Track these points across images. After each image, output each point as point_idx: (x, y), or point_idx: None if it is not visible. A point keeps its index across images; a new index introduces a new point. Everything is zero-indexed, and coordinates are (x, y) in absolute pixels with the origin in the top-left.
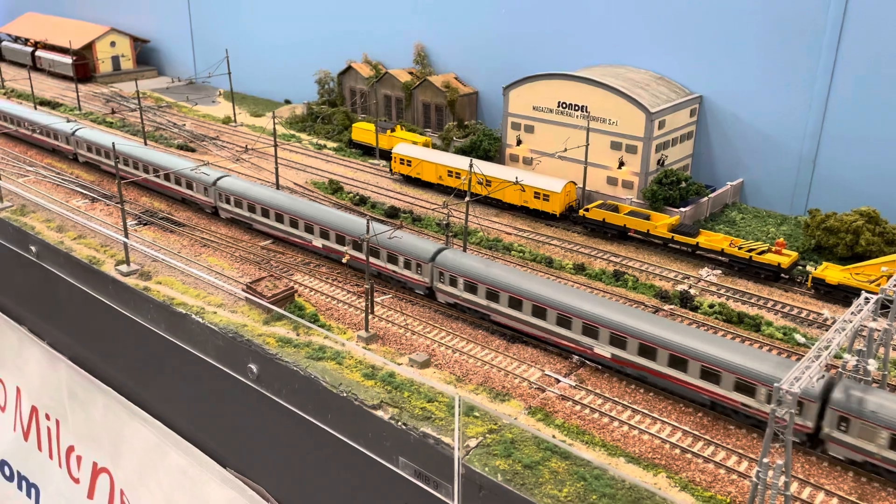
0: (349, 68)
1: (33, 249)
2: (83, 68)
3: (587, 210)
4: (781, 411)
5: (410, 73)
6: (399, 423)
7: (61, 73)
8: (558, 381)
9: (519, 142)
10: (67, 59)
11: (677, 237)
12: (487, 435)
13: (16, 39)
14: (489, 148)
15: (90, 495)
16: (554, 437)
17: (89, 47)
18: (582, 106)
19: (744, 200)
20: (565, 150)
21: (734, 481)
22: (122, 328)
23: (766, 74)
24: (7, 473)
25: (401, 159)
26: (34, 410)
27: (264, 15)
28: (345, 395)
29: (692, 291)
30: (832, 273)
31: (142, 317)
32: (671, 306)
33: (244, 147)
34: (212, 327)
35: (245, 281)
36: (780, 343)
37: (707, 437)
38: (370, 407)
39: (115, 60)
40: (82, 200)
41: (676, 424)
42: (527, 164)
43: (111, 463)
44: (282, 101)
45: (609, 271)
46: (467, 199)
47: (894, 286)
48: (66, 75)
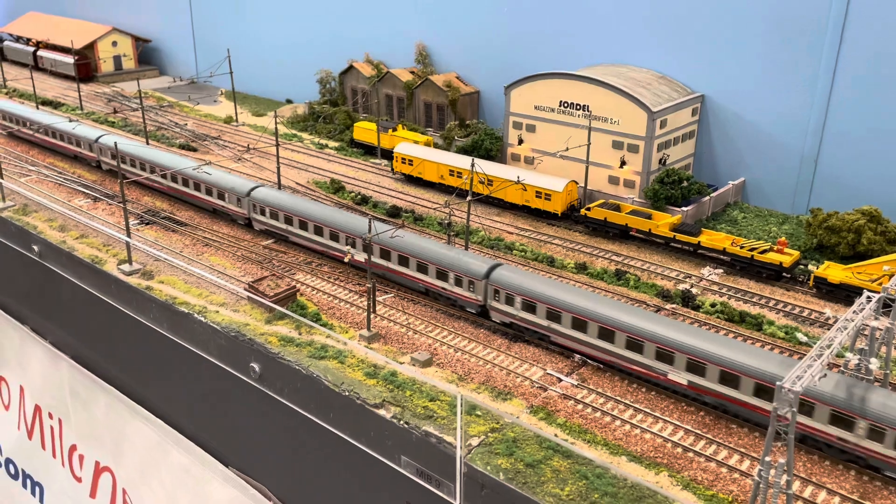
0: (351, 68)
1: (35, 249)
2: (85, 68)
3: (589, 209)
4: (783, 410)
5: (412, 73)
6: (401, 422)
7: (63, 73)
8: (560, 380)
9: (520, 141)
10: (69, 59)
11: (679, 236)
12: (489, 434)
13: (18, 39)
14: (491, 147)
15: (92, 494)
16: (556, 436)
17: (91, 47)
18: (583, 105)
19: (745, 199)
20: (567, 150)
21: (736, 480)
22: (125, 327)
23: (768, 73)
24: (12, 472)
25: (402, 159)
26: (37, 409)
27: (266, 14)
28: (347, 394)
29: (694, 291)
30: (834, 272)
31: (144, 316)
32: (673, 305)
33: (246, 146)
34: (214, 326)
35: (247, 280)
36: (782, 342)
37: (709, 436)
38: (372, 406)
39: (117, 60)
40: (84, 200)
41: (678, 423)
42: (528, 164)
43: (113, 462)
44: (283, 101)
45: (611, 270)
46: (469, 199)
47: None
48: (68, 75)
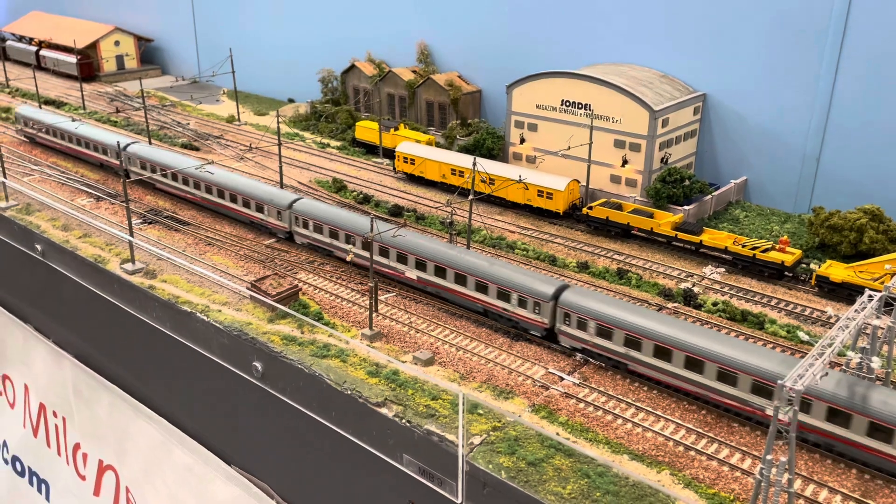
0: (353, 67)
1: (39, 248)
2: (87, 67)
3: (591, 208)
4: (785, 409)
5: (414, 72)
6: (403, 421)
7: (65, 73)
8: (562, 379)
9: (522, 140)
10: (72, 59)
11: (681, 235)
12: (491, 432)
13: (20, 39)
14: (492, 146)
15: (96, 492)
16: (558, 435)
17: (93, 46)
18: (585, 104)
19: (747, 198)
20: (569, 149)
21: (738, 478)
22: (127, 326)
23: (770, 72)
24: (18, 469)
25: (404, 158)
26: (42, 407)
27: (268, 14)
28: (349, 393)
29: (696, 289)
30: (836, 271)
31: (147, 315)
32: (674, 304)
33: (248, 146)
34: (217, 325)
35: (250, 279)
36: (784, 341)
37: (711, 435)
38: (374, 404)
39: (119, 59)
40: (87, 199)
41: (680, 422)
42: (530, 163)
43: (117, 460)
44: (285, 100)
45: (612, 269)
46: (471, 198)
47: None
48: (71, 74)
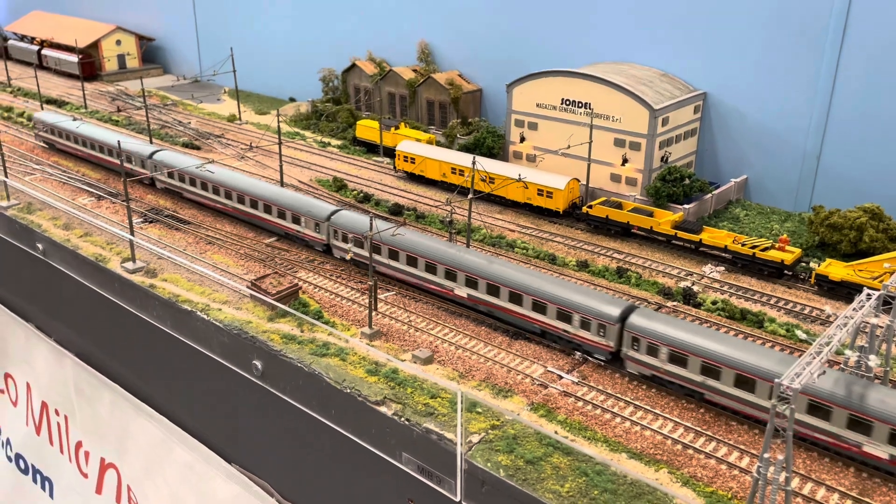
0: (353, 66)
1: (40, 247)
2: (89, 67)
3: (590, 207)
4: (782, 407)
5: (414, 71)
6: (402, 419)
7: (67, 72)
8: (561, 378)
9: (522, 139)
10: (73, 58)
11: (680, 234)
12: (490, 431)
13: (22, 38)
14: (493, 145)
15: (98, 490)
16: (556, 433)
17: (95, 46)
18: (585, 103)
19: (748, 197)
20: (568, 147)
21: (735, 477)
22: (128, 325)
23: (770, 71)
24: (22, 467)
25: (404, 156)
26: (44, 406)
27: (270, 13)
28: (348, 392)
29: (695, 288)
30: (835, 270)
31: (147, 314)
32: (674, 303)
33: (249, 145)
34: (217, 324)
35: (250, 278)
36: (783, 340)
37: (709, 433)
38: (373, 403)
39: (121, 59)
40: (88, 198)
41: (678, 420)
42: (530, 162)
43: (118, 459)
44: (286, 99)
45: (612, 268)
46: (470, 196)
47: None
48: (72, 74)
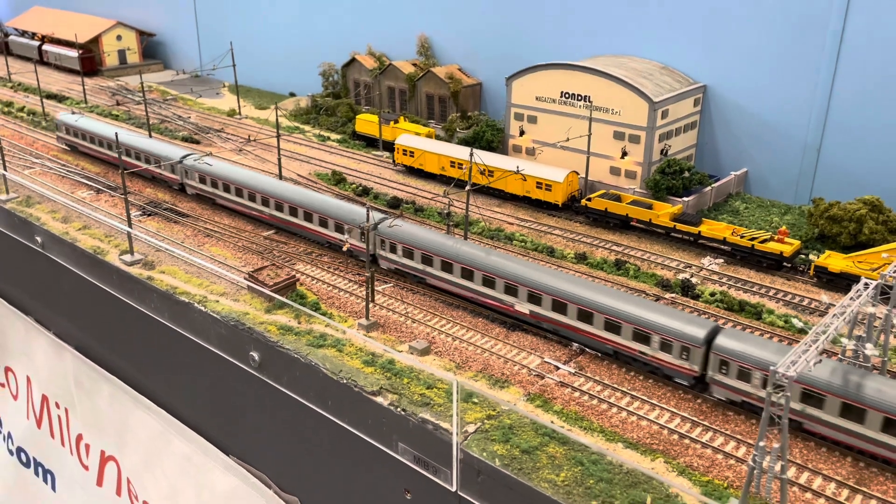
0: (353, 60)
1: (39, 240)
2: (89, 62)
3: (589, 199)
4: (777, 395)
5: (414, 65)
6: (398, 410)
7: (68, 67)
8: (558, 368)
9: (522, 132)
10: (74, 53)
11: (679, 226)
12: (486, 420)
13: (23, 33)
14: (492, 139)
15: (99, 483)
16: (552, 423)
17: (95, 41)
18: (585, 96)
19: (748, 190)
20: (567, 140)
21: (732, 466)
22: (126, 317)
23: (771, 63)
24: (24, 460)
25: (403, 150)
26: (44, 399)
27: (269, 8)
28: (345, 382)
29: (694, 280)
30: (835, 261)
31: (145, 306)
32: (672, 295)
33: (247, 138)
34: (214, 316)
35: (248, 270)
36: (782, 331)
37: (705, 423)
38: (370, 393)
39: (122, 54)
40: (87, 192)
41: (675, 410)
42: (530, 155)
43: (118, 451)
44: (286, 94)
45: (611, 260)
46: (468, 188)
47: (894, 272)
48: (73, 69)
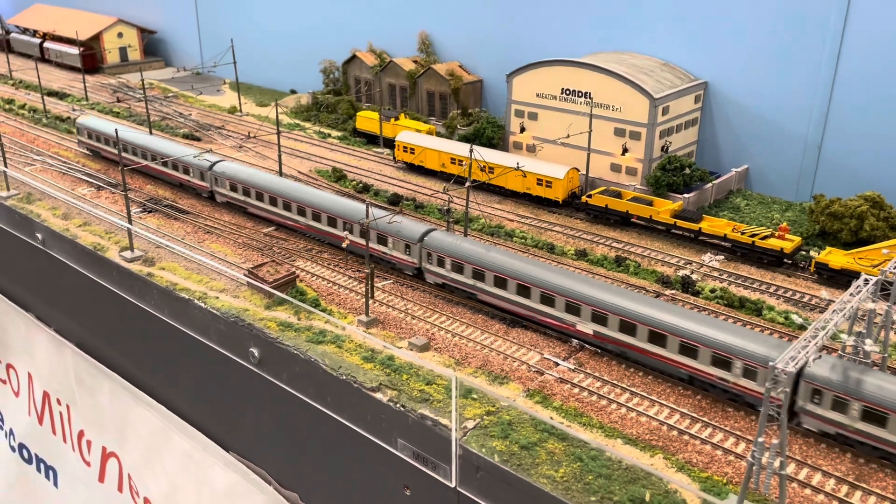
0: (354, 57)
1: (39, 237)
2: (90, 59)
3: (590, 196)
4: (776, 391)
5: (415, 62)
6: (398, 406)
7: (69, 64)
8: (557, 365)
9: (522, 129)
10: (75, 50)
11: (680, 223)
12: (485, 417)
13: (24, 31)
14: (492, 136)
15: (101, 479)
16: (551, 419)
17: (97, 38)
18: (585, 92)
19: (749, 187)
20: (568, 137)
21: (731, 462)
22: (126, 314)
23: (772, 60)
24: (26, 456)
25: (404, 147)
26: (46, 395)
27: (270, 5)
28: (344, 378)
29: (694, 277)
30: (835, 258)
31: (145, 302)
32: (672, 291)
33: (247, 134)
34: (214, 312)
35: (248, 267)
36: (782, 328)
37: (705, 419)
38: (369, 390)
39: (123, 51)
40: (88, 189)
41: (674, 407)
42: (530, 152)
43: (119, 448)
44: (287, 91)
45: (611, 257)
46: (468, 185)
47: (894, 268)
48: (74, 66)
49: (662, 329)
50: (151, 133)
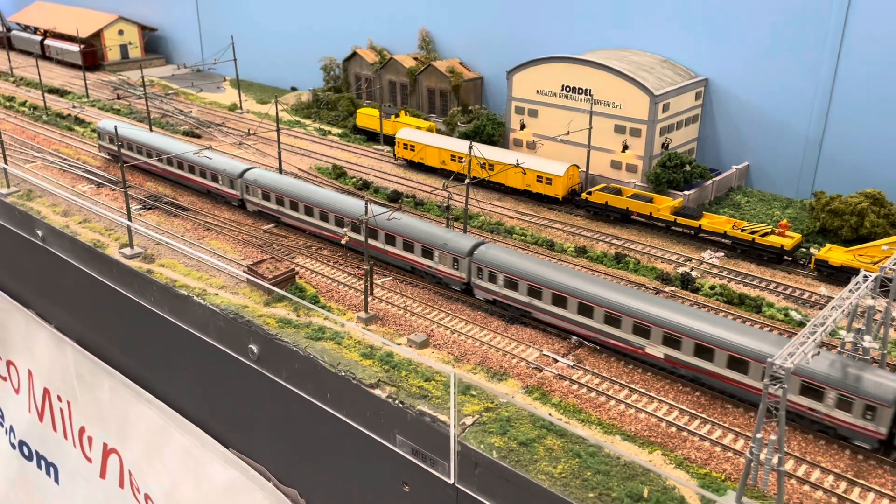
0: (354, 54)
1: (39, 234)
2: (91, 56)
3: (590, 193)
4: (774, 387)
5: (415, 59)
6: (396, 402)
7: (69, 62)
8: (556, 361)
9: (523, 126)
10: (75, 48)
11: (680, 220)
12: (483, 413)
13: (25, 28)
14: (493, 132)
15: (102, 475)
16: (550, 415)
17: (97, 36)
18: (586, 89)
19: (749, 184)
20: (567, 134)
21: (730, 459)
22: (126, 310)
23: (773, 57)
24: (26, 453)
25: (404, 144)
26: (46, 392)
27: (271, 2)
28: (343, 375)
29: (694, 274)
30: (835, 254)
31: (145, 299)
32: (672, 288)
33: (247, 131)
34: (213, 309)
35: (247, 263)
36: (781, 324)
37: (704, 416)
38: (368, 386)
39: (123, 49)
40: (88, 186)
41: (673, 403)
42: (530, 149)
43: (119, 444)
44: (288, 89)
45: (610, 254)
46: (467, 181)
47: (894, 265)
48: (75, 63)
49: (745, 355)
50: (152, 129)
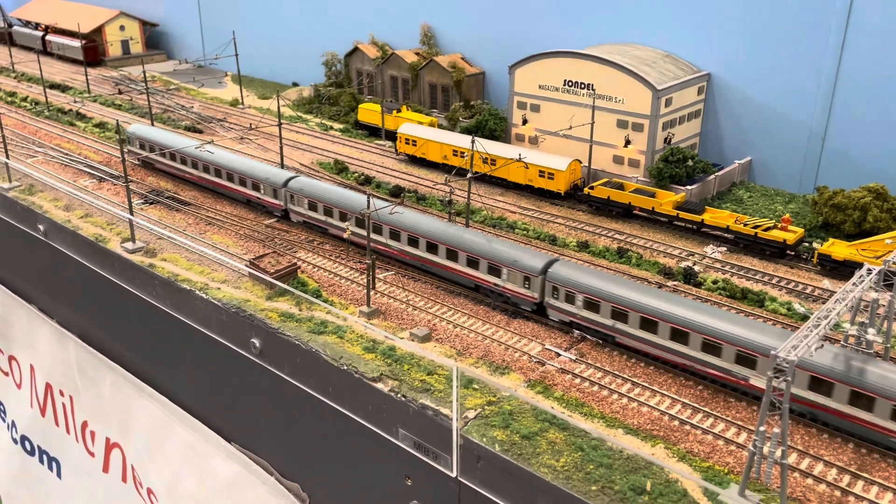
0: (356, 50)
1: (41, 228)
2: (93, 52)
3: (592, 188)
4: (778, 380)
5: (417, 54)
6: (399, 396)
7: (71, 57)
8: (559, 355)
9: (525, 121)
10: (77, 43)
11: (682, 214)
12: (486, 406)
13: (26, 24)
14: (495, 127)
15: (105, 469)
16: (553, 409)
17: (99, 31)
18: (588, 84)
19: (752, 179)
20: (570, 129)
21: (732, 452)
22: (128, 305)
23: (775, 51)
24: (28, 448)
25: (406, 139)
26: (48, 387)
27: None
28: (345, 369)
29: (696, 268)
30: (838, 249)
31: (147, 293)
32: (674, 282)
33: (249, 126)
34: (215, 303)
35: (249, 258)
36: (784, 318)
37: (706, 409)
38: (370, 380)
39: (125, 44)
40: (90, 180)
41: (676, 397)
42: (532, 144)
43: (122, 439)
44: (289, 84)
45: (613, 249)
46: (469, 176)
47: None
48: (76, 59)
49: (872, 391)
50: (153, 124)
